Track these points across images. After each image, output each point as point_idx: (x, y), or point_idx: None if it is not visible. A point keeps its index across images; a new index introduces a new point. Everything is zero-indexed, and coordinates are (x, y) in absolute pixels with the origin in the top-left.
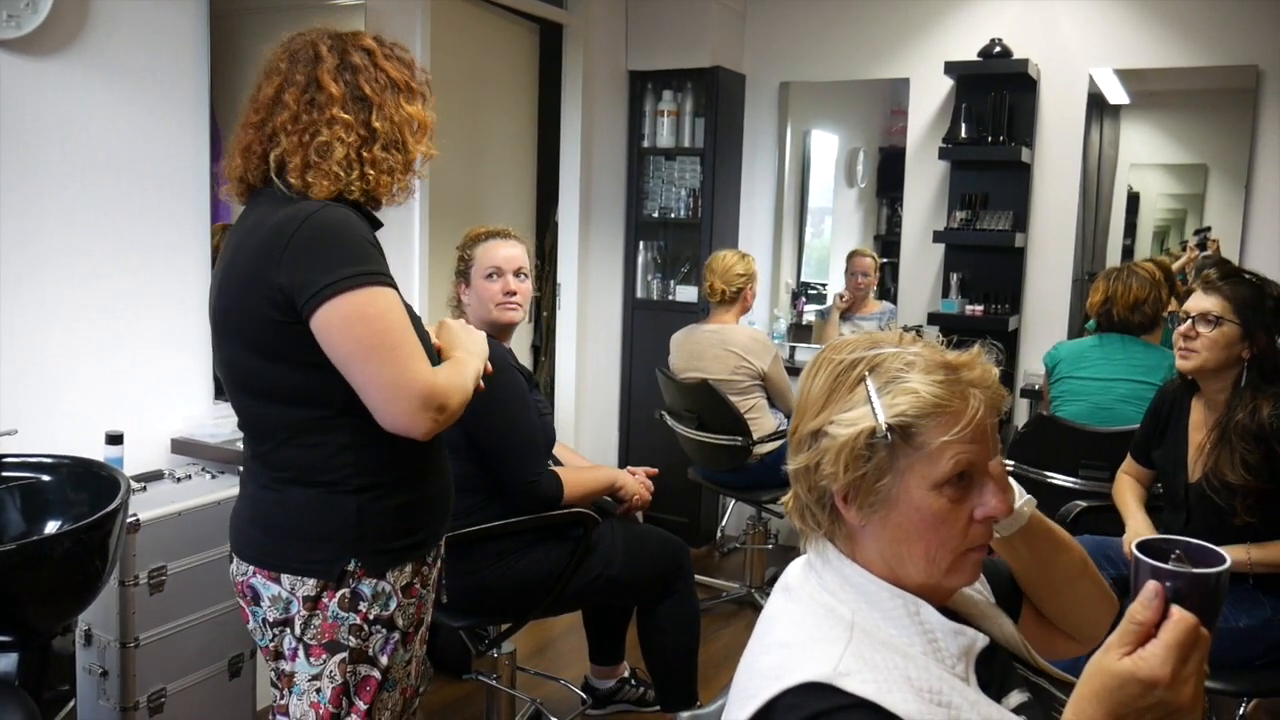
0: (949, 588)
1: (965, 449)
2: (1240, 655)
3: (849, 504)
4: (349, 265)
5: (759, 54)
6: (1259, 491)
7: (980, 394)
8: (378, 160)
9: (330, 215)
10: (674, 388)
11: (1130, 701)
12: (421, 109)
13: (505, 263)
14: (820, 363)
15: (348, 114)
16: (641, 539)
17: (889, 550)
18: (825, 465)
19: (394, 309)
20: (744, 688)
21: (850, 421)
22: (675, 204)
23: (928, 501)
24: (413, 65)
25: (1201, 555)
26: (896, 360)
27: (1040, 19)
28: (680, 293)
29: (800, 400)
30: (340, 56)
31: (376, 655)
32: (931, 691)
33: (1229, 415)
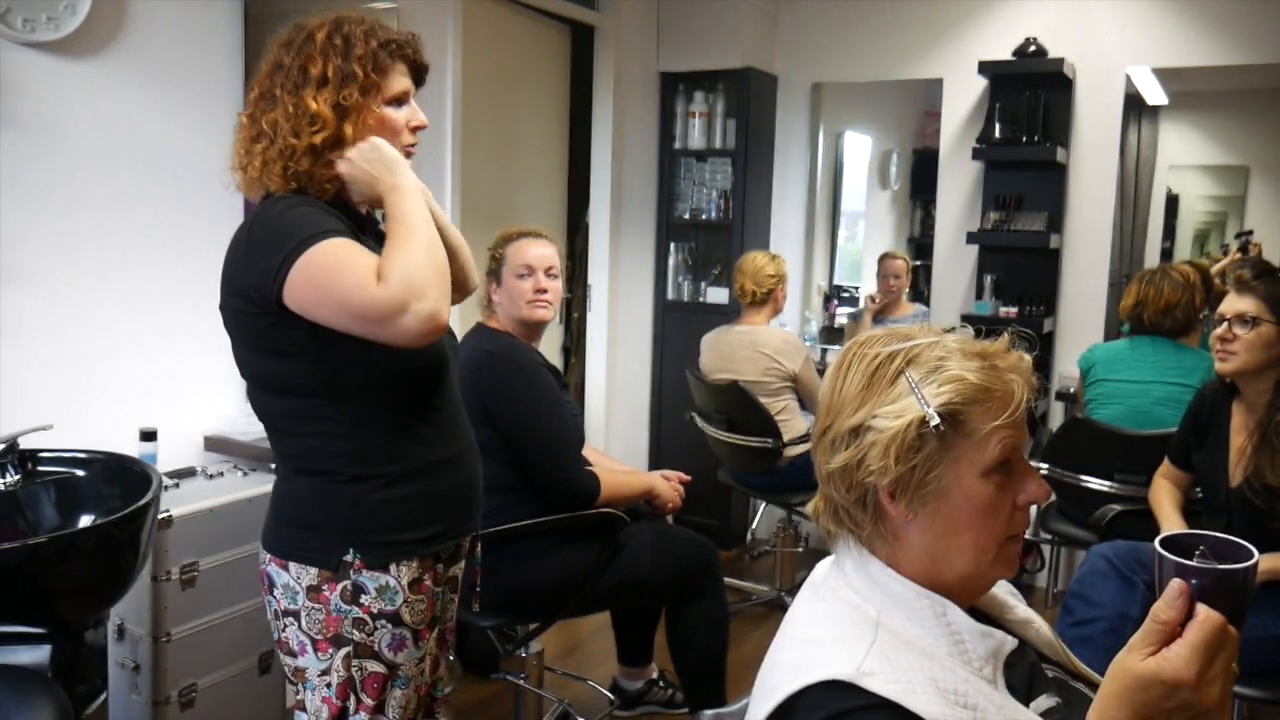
0: (991, 579)
1: (1011, 434)
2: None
3: (897, 500)
4: (291, 239)
5: (791, 55)
6: None
7: (1019, 379)
8: (254, 152)
9: (271, 206)
10: (704, 389)
11: (1155, 703)
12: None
13: (536, 261)
14: (850, 359)
15: (252, 110)
16: (671, 540)
17: (936, 544)
18: (871, 460)
19: (327, 251)
20: (767, 684)
21: (896, 413)
22: (706, 205)
23: (978, 489)
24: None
25: (1228, 550)
26: (933, 350)
27: (1076, 18)
28: (711, 294)
29: (831, 399)
30: (278, 53)
31: (382, 651)
32: (957, 694)
33: (1270, 416)
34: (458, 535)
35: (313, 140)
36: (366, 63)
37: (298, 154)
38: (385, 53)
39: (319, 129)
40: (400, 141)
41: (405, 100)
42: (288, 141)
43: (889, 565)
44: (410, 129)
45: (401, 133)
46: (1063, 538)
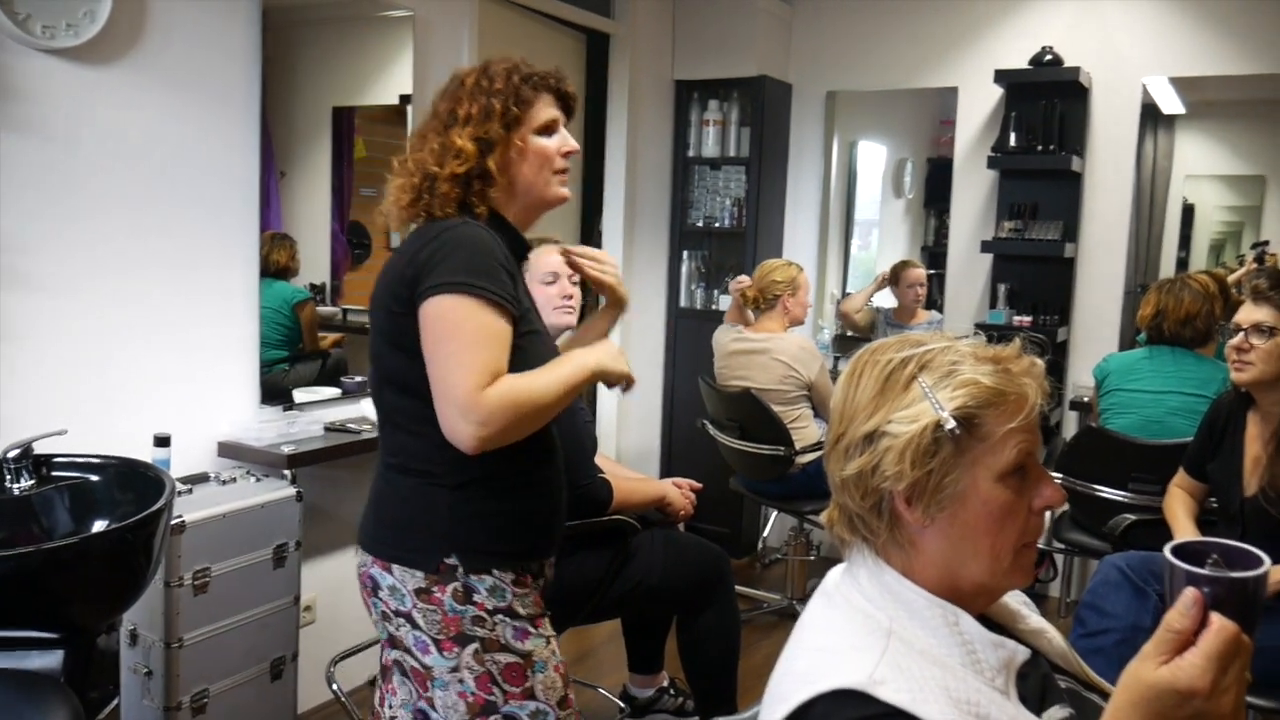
0: (1006, 587)
1: (1025, 438)
2: None
3: (913, 505)
4: (450, 274)
5: (806, 63)
6: None
7: (1032, 382)
8: (398, 185)
9: (465, 231)
10: (716, 397)
11: (1168, 712)
12: (468, 134)
13: (560, 267)
14: (862, 365)
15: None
16: (682, 548)
17: (952, 551)
18: (887, 466)
19: (474, 319)
20: (778, 691)
21: (911, 418)
22: (720, 213)
23: (994, 494)
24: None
25: (1239, 558)
26: (946, 355)
27: (1093, 27)
28: (724, 302)
29: (844, 406)
30: (434, 102)
31: (510, 643)
32: (969, 703)
33: None
34: (541, 554)
35: (455, 170)
36: (508, 97)
37: (439, 181)
38: (527, 86)
39: (461, 161)
40: (553, 166)
41: (554, 128)
42: (429, 170)
43: (904, 574)
44: (561, 155)
45: (552, 159)
46: (1076, 547)
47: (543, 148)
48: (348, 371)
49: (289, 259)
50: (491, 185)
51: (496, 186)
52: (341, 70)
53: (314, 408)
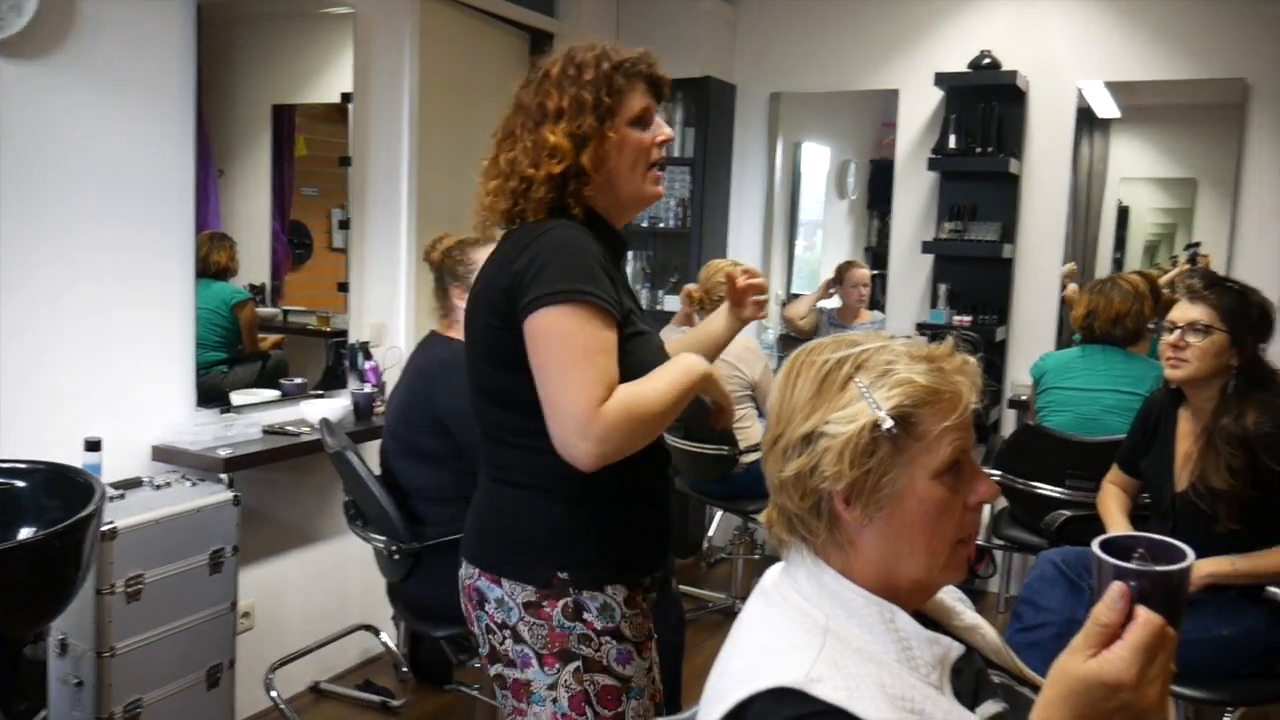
0: (941, 583)
1: (961, 435)
2: (1224, 665)
3: (851, 505)
4: (551, 283)
5: (750, 64)
6: (1243, 498)
7: (966, 380)
8: (490, 189)
9: (560, 234)
10: None
11: (1096, 704)
12: (561, 130)
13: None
14: (799, 366)
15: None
16: None
17: (890, 549)
18: (826, 466)
19: (582, 330)
20: (715, 691)
21: (849, 418)
22: (664, 214)
23: (931, 492)
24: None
25: (1164, 551)
26: (881, 355)
27: (1030, 31)
28: (669, 302)
29: (782, 407)
30: (519, 94)
31: (612, 665)
32: (904, 699)
33: (1216, 421)
34: (654, 568)
35: (551, 170)
36: (600, 87)
37: (535, 184)
38: (619, 74)
39: (558, 160)
40: (648, 159)
41: (648, 118)
42: (525, 173)
43: (843, 573)
44: (655, 144)
45: (648, 151)
46: (1014, 543)
47: (638, 139)
48: (288, 373)
49: (228, 259)
50: (587, 184)
51: (592, 184)
52: (282, 68)
53: (252, 410)
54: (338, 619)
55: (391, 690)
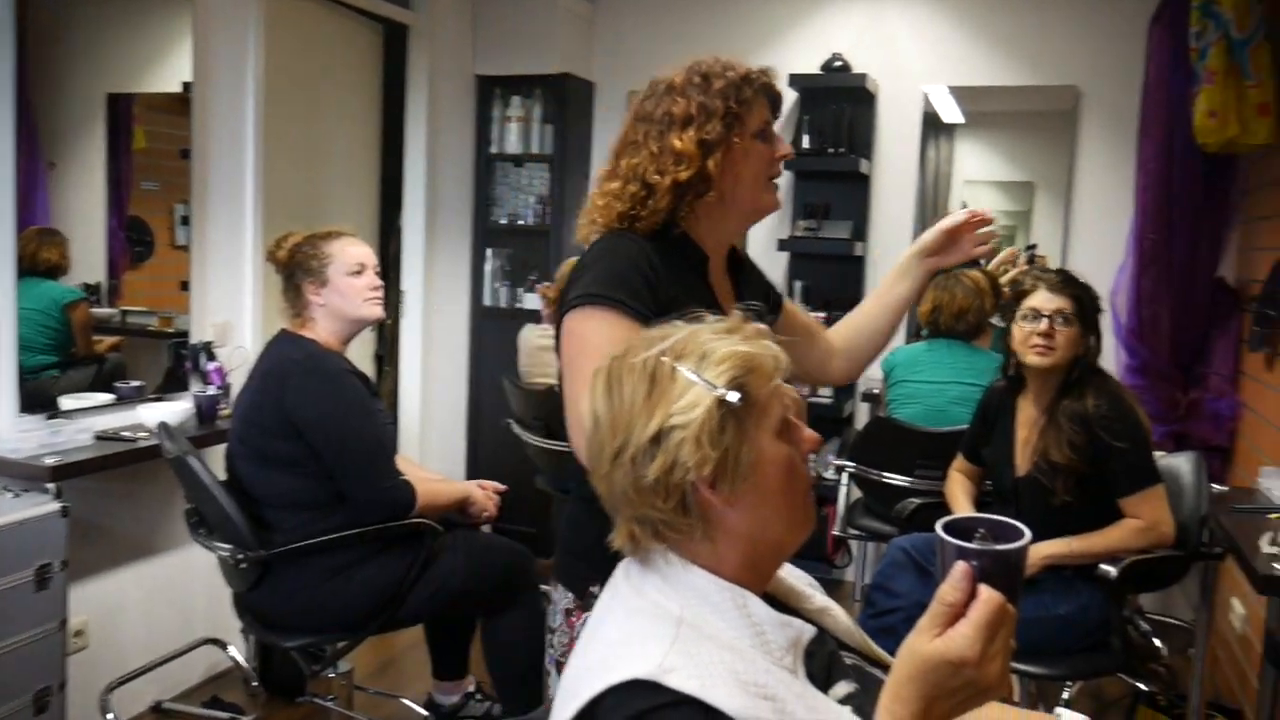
0: (801, 538)
1: (782, 391)
2: (1061, 641)
3: (717, 488)
4: (586, 287)
5: (608, 61)
6: (1080, 474)
7: (769, 342)
8: (606, 192)
9: (608, 243)
10: (521, 396)
11: (943, 682)
12: (688, 137)
13: (366, 258)
14: (618, 374)
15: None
16: (485, 549)
17: (757, 520)
18: (686, 456)
19: (604, 331)
20: (569, 687)
21: (692, 405)
22: (524, 211)
23: (779, 451)
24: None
25: (1003, 531)
26: (694, 340)
27: (879, 36)
28: (529, 300)
29: (615, 418)
30: (640, 105)
31: None
32: (757, 685)
33: (1058, 403)
34: None
35: (677, 177)
36: (728, 96)
37: (659, 192)
38: (747, 85)
39: (684, 166)
40: (769, 172)
41: (767, 130)
42: (650, 180)
43: (709, 565)
44: (777, 158)
45: (771, 164)
46: (868, 533)
47: (762, 150)
48: (126, 376)
49: (59, 257)
50: (707, 192)
51: (710, 194)
52: (117, 54)
53: (84, 416)
54: (182, 634)
55: (241, 706)
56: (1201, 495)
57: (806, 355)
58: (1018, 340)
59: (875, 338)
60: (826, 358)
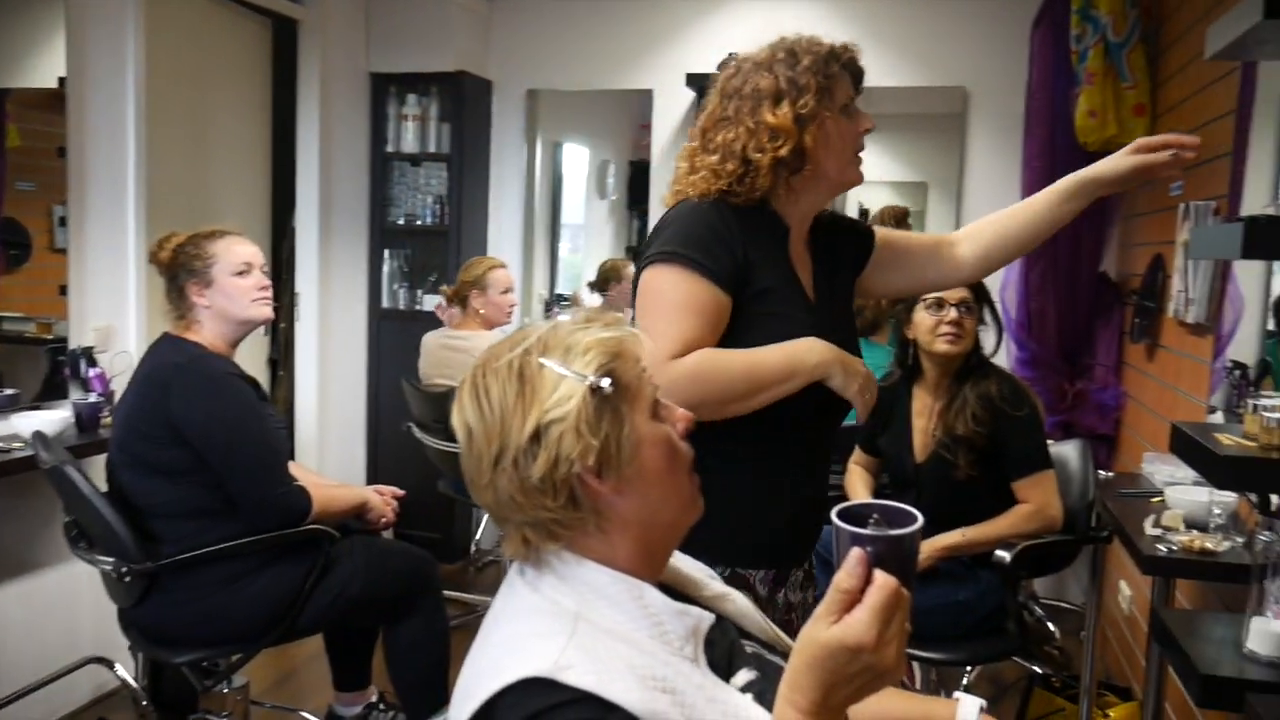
0: (693, 517)
1: (648, 374)
2: (960, 627)
3: (604, 476)
4: (661, 244)
5: (505, 60)
6: (980, 449)
7: (627, 325)
8: (701, 166)
9: (687, 205)
10: (421, 398)
11: (840, 669)
12: (783, 113)
13: (253, 257)
14: (484, 379)
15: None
16: (385, 555)
17: (646, 505)
18: (568, 448)
19: (677, 288)
20: (465, 688)
21: (566, 397)
22: (422, 211)
23: (656, 432)
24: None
25: (896, 516)
26: (556, 334)
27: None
28: (428, 302)
29: (487, 424)
30: (725, 83)
31: None
32: (656, 678)
33: (959, 386)
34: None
35: (776, 154)
36: (816, 72)
37: (760, 171)
38: (834, 61)
39: (781, 142)
40: (855, 147)
41: (851, 106)
42: (750, 157)
43: (603, 559)
44: (861, 132)
45: (857, 139)
46: None
47: (848, 126)
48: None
49: None
50: (803, 168)
51: (807, 169)
52: None
53: None
54: (67, 653)
55: None
56: (1089, 481)
57: (920, 271)
58: (925, 329)
59: (1020, 250)
60: (948, 262)
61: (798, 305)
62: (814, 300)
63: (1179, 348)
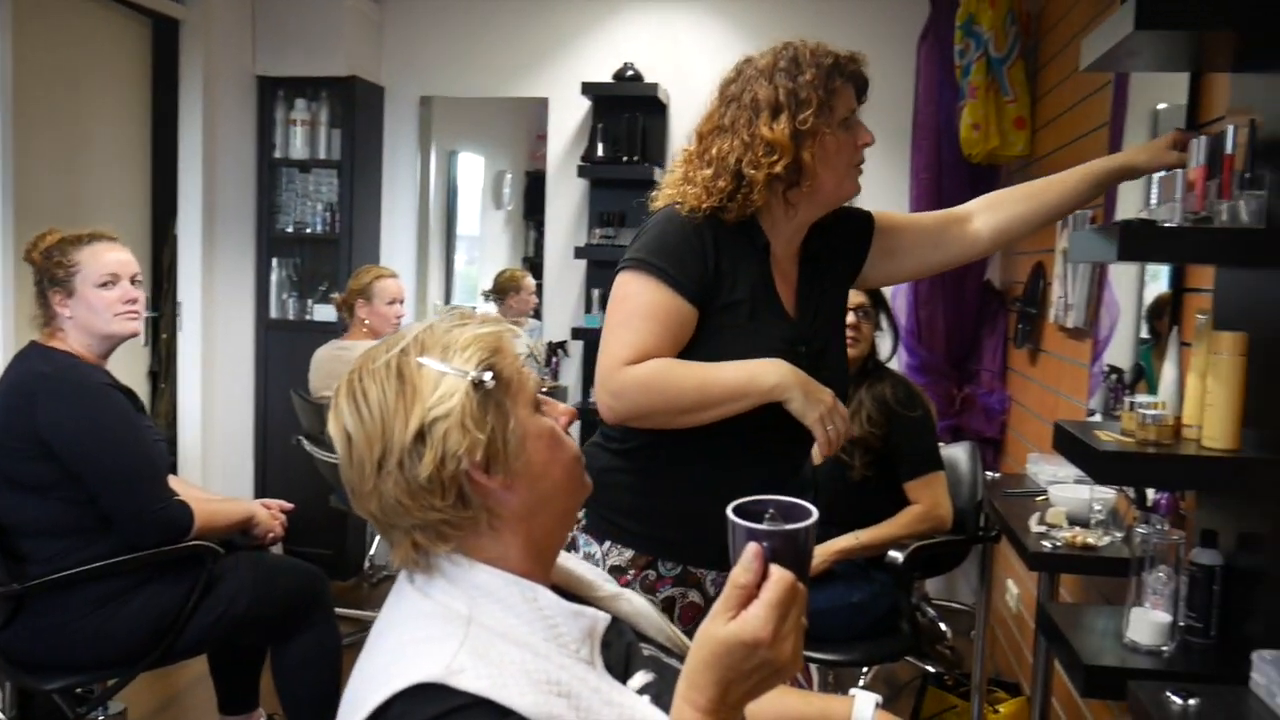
0: (579, 503)
1: (526, 368)
2: (856, 628)
3: (492, 472)
4: (634, 251)
5: (398, 65)
6: (875, 450)
7: (506, 323)
8: (695, 179)
9: (664, 213)
10: (311, 410)
11: (737, 665)
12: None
13: (120, 268)
14: (360, 383)
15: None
16: (272, 571)
17: (535, 497)
18: (454, 445)
19: (640, 296)
20: (352, 698)
21: (448, 394)
22: (311, 218)
23: (539, 424)
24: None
25: (792, 511)
26: (433, 333)
27: (669, 45)
28: (319, 312)
29: (367, 427)
30: (725, 88)
31: None
32: (551, 682)
33: (857, 388)
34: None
35: (772, 171)
36: (818, 86)
37: (755, 187)
38: (838, 74)
39: (777, 158)
40: (853, 161)
41: (851, 119)
42: (744, 172)
43: (497, 559)
44: (860, 146)
45: (856, 153)
46: None
47: (847, 140)
48: None
49: None
50: (800, 183)
51: (805, 185)
52: None
53: None
54: None
55: None
56: (977, 482)
57: (930, 250)
58: None
59: (1029, 230)
60: (959, 239)
61: (772, 318)
62: (795, 315)
63: (1060, 352)
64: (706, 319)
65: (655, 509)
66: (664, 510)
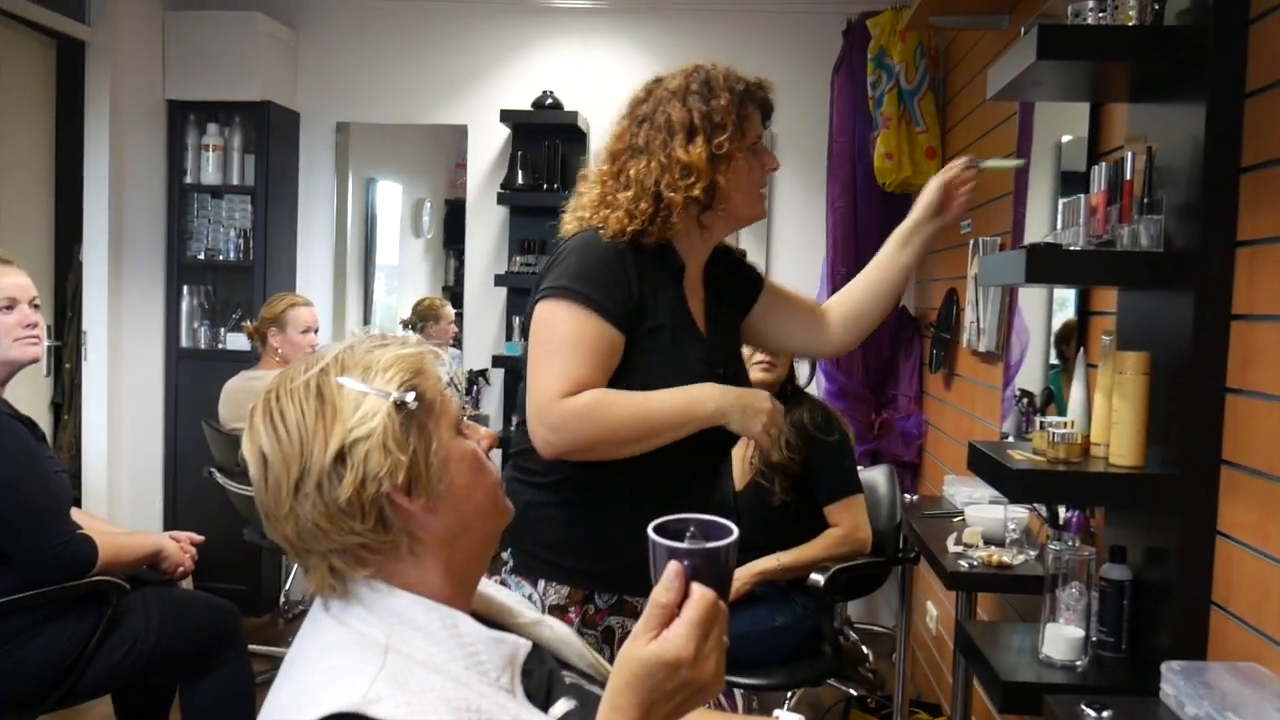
0: (501, 525)
1: (448, 391)
2: (779, 652)
3: (414, 494)
4: (555, 279)
5: (314, 92)
6: (795, 476)
7: (428, 345)
8: (616, 202)
9: (584, 238)
10: (224, 441)
11: (659, 685)
12: (696, 151)
13: (18, 291)
14: (277, 403)
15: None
16: (183, 606)
17: (459, 520)
18: (375, 466)
19: (569, 324)
20: None
21: (369, 414)
22: (224, 245)
23: (462, 446)
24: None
25: (713, 530)
26: (354, 354)
27: (589, 73)
28: (232, 340)
29: (285, 449)
30: (635, 107)
31: None
32: (471, 710)
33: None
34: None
35: (689, 194)
36: (731, 111)
37: (675, 210)
38: (749, 100)
39: (694, 180)
40: (760, 186)
41: (758, 144)
42: (665, 196)
43: (416, 585)
44: (766, 171)
45: (762, 177)
46: None
47: (755, 164)
48: None
49: None
50: (714, 206)
51: (720, 208)
52: None
53: None
54: None
55: None
56: (896, 505)
57: (797, 331)
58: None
59: (877, 309)
60: (821, 331)
61: (691, 341)
62: (706, 334)
63: (973, 375)
64: (631, 344)
65: (585, 541)
66: (594, 541)
